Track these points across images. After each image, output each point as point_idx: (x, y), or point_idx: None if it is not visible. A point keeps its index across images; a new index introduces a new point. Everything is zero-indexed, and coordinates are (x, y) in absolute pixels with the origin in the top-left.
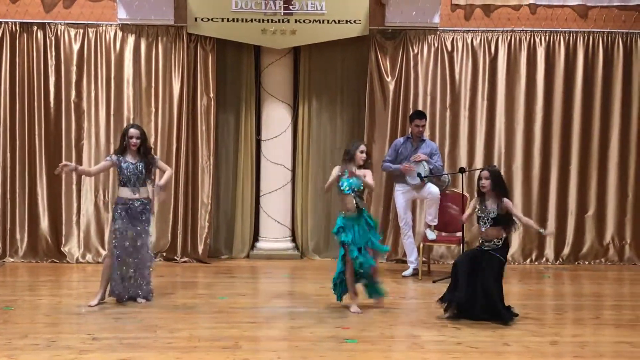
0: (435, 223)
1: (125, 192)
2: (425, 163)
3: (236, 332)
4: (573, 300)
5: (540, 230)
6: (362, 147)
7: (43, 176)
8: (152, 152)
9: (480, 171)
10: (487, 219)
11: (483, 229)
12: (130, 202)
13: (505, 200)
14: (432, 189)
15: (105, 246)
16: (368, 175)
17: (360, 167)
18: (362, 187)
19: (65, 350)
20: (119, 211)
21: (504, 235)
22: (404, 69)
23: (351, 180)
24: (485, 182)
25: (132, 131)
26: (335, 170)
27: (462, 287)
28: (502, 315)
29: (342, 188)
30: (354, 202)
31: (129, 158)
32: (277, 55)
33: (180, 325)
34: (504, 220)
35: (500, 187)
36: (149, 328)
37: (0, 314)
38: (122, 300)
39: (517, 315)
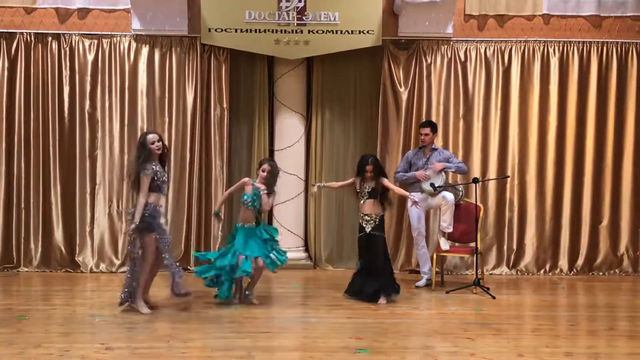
0: (450, 230)
1: (159, 199)
2: (443, 174)
3: (249, 342)
4: (587, 311)
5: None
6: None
7: (57, 186)
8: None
9: (366, 165)
10: (364, 194)
11: (361, 202)
12: (161, 207)
13: (383, 178)
14: (447, 195)
15: (120, 255)
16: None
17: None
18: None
19: None
20: (159, 218)
21: (381, 212)
22: (417, 79)
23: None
24: (371, 174)
25: (152, 136)
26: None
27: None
28: (394, 290)
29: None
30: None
31: (158, 165)
32: (290, 66)
33: (194, 335)
34: (376, 193)
35: (381, 171)
36: (162, 338)
37: (14, 323)
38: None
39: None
